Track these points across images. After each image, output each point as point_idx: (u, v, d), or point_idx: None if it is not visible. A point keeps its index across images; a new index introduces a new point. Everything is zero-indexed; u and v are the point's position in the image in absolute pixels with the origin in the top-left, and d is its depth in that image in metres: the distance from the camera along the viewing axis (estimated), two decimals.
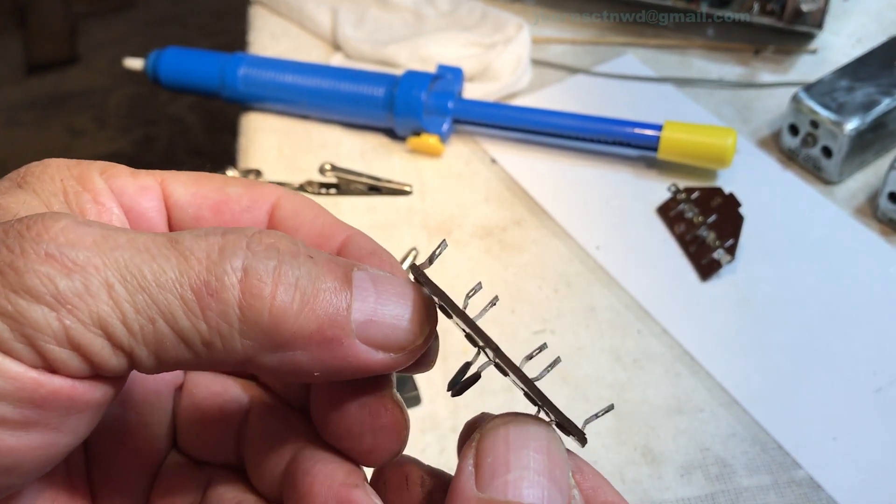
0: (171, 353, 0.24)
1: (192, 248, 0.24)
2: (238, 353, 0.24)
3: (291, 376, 0.25)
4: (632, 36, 0.91)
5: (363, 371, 0.26)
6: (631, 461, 0.56)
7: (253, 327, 0.24)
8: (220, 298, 0.23)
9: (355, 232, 0.30)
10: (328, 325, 0.25)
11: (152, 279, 0.23)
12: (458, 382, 0.28)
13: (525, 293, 0.67)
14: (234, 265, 0.24)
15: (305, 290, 0.24)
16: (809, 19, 0.83)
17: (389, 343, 0.26)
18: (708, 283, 0.67)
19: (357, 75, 0.80)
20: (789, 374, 0.60)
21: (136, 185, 0.29)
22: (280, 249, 0.25)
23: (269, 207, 0.30)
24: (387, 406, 0.28)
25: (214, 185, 0.30)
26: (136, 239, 0.24)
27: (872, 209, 0.71)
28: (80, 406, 0.24)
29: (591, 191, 0.75)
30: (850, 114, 0.70)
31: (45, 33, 2.52)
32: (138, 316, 0.23)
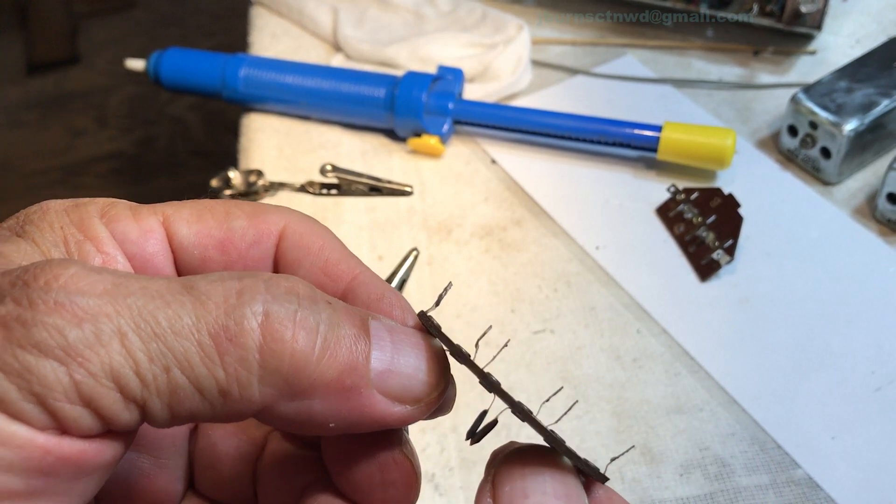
0: (185, 404, 0.23)
1: (209, 293, 0.23)
2: (255, 402, 0.23)
3: (306, 427, 0.24)
4: (631, 37, 0.91)
5: (379, 423, 0.25)
6: (630, 460, 0.56)
7: (273, 373, 0.23)
8: (239, 343, 0.22)
9: (363, 271, 0.29)
10: (348, 372, 0.24)
11: (167, 326, 0.22)
12: (475, 432, 0.28)
13: (525, 293, 0.67)
14: (254, 309, 0.23)
15: (326, 335, 0.24)
16: (808, 20, 0.83)
17: (407, 395, 0.25)
18: (707, 283, 0.67)
19: (357, 76, 0.80)
20: (788, 373, 0.61)
21: (139, 229, 0.28)
22: (299, 294, 0.24)
23: (275, 240, 0.29)
24: (397, 461, 0.27)
25: (218, 221, 0.29)
26: (149, 285, 0.23)
27: (871, 210, 0.71)
28: (91, 468, 0.22)
29: (591, 191, 0.75)
30: (849, 115, 0.71)
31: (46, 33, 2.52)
32: (152, 365, 0.22)
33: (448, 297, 0.67)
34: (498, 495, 0.25)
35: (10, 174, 2.13)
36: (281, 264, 0.29)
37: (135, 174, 2.11)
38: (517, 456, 0.26)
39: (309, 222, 0.30)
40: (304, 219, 0.30)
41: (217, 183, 0.75)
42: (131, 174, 2.11)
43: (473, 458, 0.57)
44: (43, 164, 2.16)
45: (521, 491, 0.24)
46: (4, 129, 2.28)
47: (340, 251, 0.29)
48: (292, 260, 0.29)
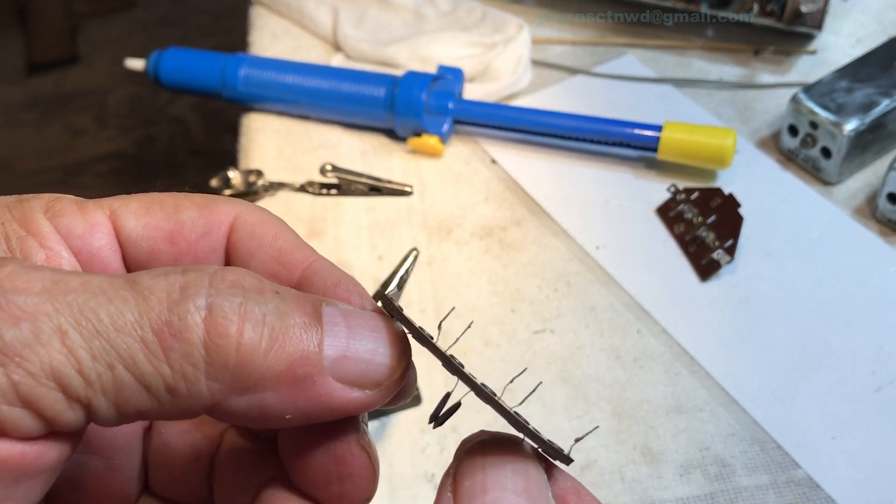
0: (131, 401, 0.22)
1: (152, 288, 0.22)
2: (204, 398, 0.23)
3: (261, 421, 0.24)
4: (631, 36, 0.91)
5: (338, 411, 0.24)
6: (630, 460, 0.56)
7: (220, 368, 0.22)
8: (183, 339, 0.22)
9: (318, 259, 0.28)
10: (299, 362, 0.23)
11: (110, 323, 0.21)
12: (438, 416, 0.27)
13: (525, 293, 0.67)
14: (197, 303, 0.22)
15: (274, 326, 0.23)
16: (809, 20, 0.83)
17: (365, 379, 0.25)
18: (707, 283, 0.67)
19: (357, 76, 0.80)
20: (788, 373, 0.61)
21: (85, 223, 0.27)
22: (245, 286, 0.23)
23: (226, 230, 0.28)
24: (354, 453, 0.26)
25: (166, 213, 0.28)
26: (90, 281, 0.22)
27: (871, 210, 0.71)
28: (32, 472, 0.22)
29: (591, 191, 0.75)
30: (850, 114, 0.71)
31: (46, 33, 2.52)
32: (95, 363, 0.21)
33: (448, 298, 0.67)
34: (458, 490, 0.24)
35: (10, 174, 2.13)
36: (233, 255, 0.29)
37: (134, 174, 2.11)
38: (479, 448, 0.25)
39: (261, 212, 0.29)
40: (256, 209, 0.29)
41: (217, 183, 0.75)
42: (131, 174, 2.11)
43: None
44: (42, 163, 2.16)
45: (481, 486, 0.24)
46: (4, 129, 2.28)
47: (294, 240, 0.29)
48: (244, 250, 0.28)
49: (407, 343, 0.26)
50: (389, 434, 0.59)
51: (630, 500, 0.55)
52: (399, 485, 0.56)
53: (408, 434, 0.59)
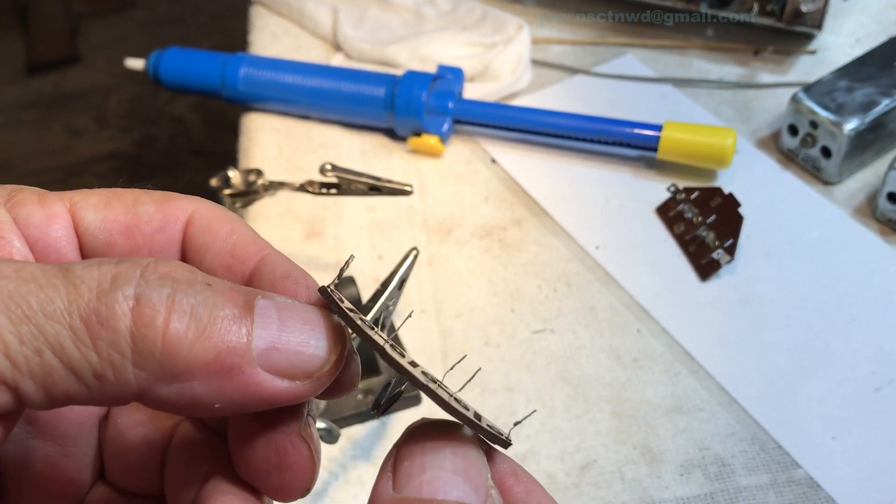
0: (60, 386, 0.22)
1: (83, 277, 0.23)
2: (131, 386, 0.23)
3: (190, 410, 0.24)
4: (631, 36, 0.91)
5: (267, 401, 0.25)
6: (630, 460, 0.56)
7: (146, 357, 0.23)
8: (110, 327, 0.22)
9: (270, 252, 0.29)
10: (226, 353, 0.24)
11: (39, 309, 0.22)
12: (381, 403, 0.28)
13: (525, 293, 0.67)
14: (125, 293, 0.23)
15: (201, 317, 0.23)
16: (809, 20, 0.83)
17: (295, 370, 0.25)
18: (707, 282, 0.67)
19: (357, 75, 0.80)
20: (788, 373, 0.61)
21: (44, 213, 0.28)
22: (175, 278, 0.24)
23: (183, 225, 0.29)
24: (294, 444, 0.27)
25: (125, 206, 0.29)
26: (23, 269, 0.23)
27: (871, 209, 0.71)
28: None
29: (591, 191, 0.75)
30: (850, 114, 0.71)
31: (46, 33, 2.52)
32: (23, 347, 0.22)
33: (448, 298, 0.67)
34: (397, 471, 0.25)
35: (10, 174, 2.13)
36: (189, 249, 0.29)
37: (134, 174, 2.11)
38: (419, 431, 0.26)
39: (217, 209, 0.30)
40: (212, 205, 0.30)
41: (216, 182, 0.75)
42: (131, 174, 2.11)
43: None
44: (42, 163, 2.16)
45: (420, 466, 0.24)
46: (4, 128, 2.28)
47: (248, 234, 0.29)
48: (200, 245, 0.29)
49: (342, 335, 0.26)
50: (389, 434, 0.59)
51: (630, 499, 0.55)
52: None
53: None
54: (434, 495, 0.24)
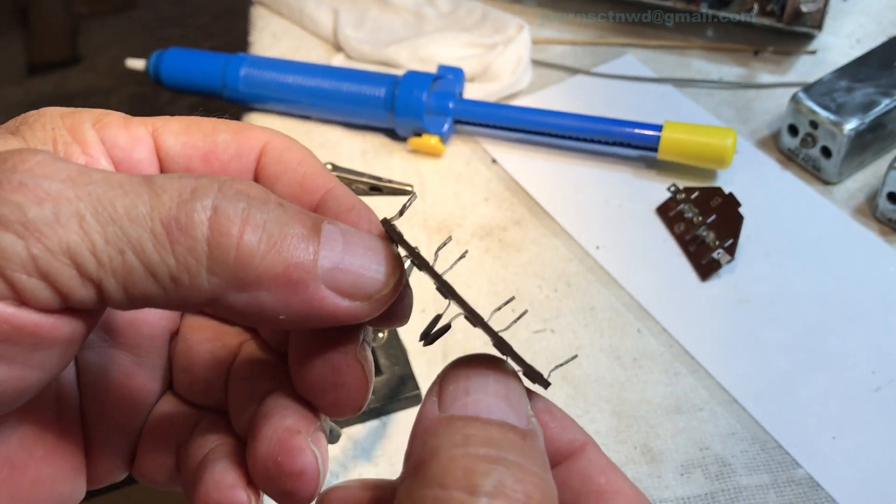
0: (139, 286, 0.24)
1: (165, 187, 0.24)
2: (205, 290, 0.24)
3: (256, 318, 0.26)
4: (631, 37, 0.91)
5: (328, 318, 0.26)
6: (630, 460, 0.56)
7: (220, 264, 0.24)
8: (188, 234, 0.24)
9: (337, 186, 0.30)
10: (294, 267, 0.25)
11: (124, 212, 0.23)
12: (430, 333, 0.29)
13: (525, 293, 0.67)
14: (204, 204, 0.24)
15: (273, 232, 0.25)
16: (809, 20, 0.83)
17: (356, 291, 0.26)
18: (707, 282, 0.67)
19: (358, 76, 0.80)
20: (788, 373, 0.61)
21: (129, 136, 0.29)
22: (250, 195, 0.25)
23: (257, 154, 0.30)
24: (349, 363, 0.28)
25: (204, 133, 0.30)
26: (110, 176, 0.24)
27: (871, 209, 0.71)
28: (48, 342, 0.24)
29: (591, 191, 0.75)
30: (850, 114, 0.71)
31: (47, 34, 2.52)
32: (108, 247, 0.23)
33: None
34: (442, 393, 0.26)
35: None
36: (261, 177, 0.30)
37: None
38: (465, 360, 0.27)
39: (289, 140, 0.31)
40: (284, 137, 0.31)
41: None
42: None
43: None
44: None
45: (464, 389, 0.26)
46: None
47: (317, 167, 0.31)
48: (272, 174, 0.30)
49: (400, 264, 0.28)
50: (389, 434, 0.59)
51: None
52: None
53: (408, 434, 0.59)
54: (478, 414, 0.25)
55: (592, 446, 0.28)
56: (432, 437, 0.25)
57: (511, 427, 0.25)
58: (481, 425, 0.24)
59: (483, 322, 0.27)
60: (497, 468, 0.23)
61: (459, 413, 0.25)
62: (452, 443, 0.24)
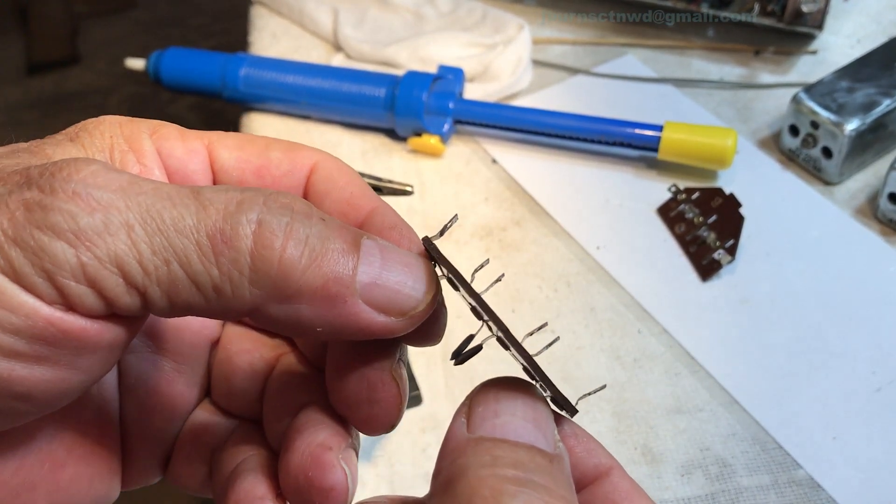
0: (182, 295, 0.25)
1: (212, 200, 0.25)
2: (246, 301, 0.25)
3: (295, 330, 0.26)
4: (632, 36, 0.91)
5: (364, 331, 0.27)
6: (631, 461, 0.56)
7: (262, 276, 0.25)
8: (233, 246, 0.24)
9: (381, 204, 0.31)
10: (333, 281, 0.26)
11: (171, 223, 0.24)
12: (461, 353, 0.29)
13: (525, 293, 0.67)
14: (249, 217, 0.25)
15: (314, 247, 0.25)
16: (809, 20, 0.83)
17: (392, 307, 0.27)
18: (708, 283, 0.67)
19: (358, 76, 0.80)
20: (789, 373, 0.60)
21: (184, 148, 0.30)
22: (294, 209, 0.26)
23: (307, 172, 0.32)
24: (385, 381, 0.29)
25: (257, 150, 0.31)
26: (160, 188, 0.25)
27: (872, 210, 0.71)
28: (92, 346, 0.24)
29: (592, 191, 0.75)
30: (850, 114, 0.71)
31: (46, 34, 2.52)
32: (154, 257, 0.24)
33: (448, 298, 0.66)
34: (472, 414, 0.26)
35: None
36: (311, 194, 0.32)
37: None
38: (494, 382, 0.28)
39: (337, 161, 0.32)
40: (333, 158, 0.33)
41: None
42: None
43: None
44: None
45: (493, 411, 0.26)
46: (4, 129, 2.28)
47: (363, 187, 0.32)
48: (321, 191, 0.31)
49: (436, 282, 0.29)
50: (390, 434, 0.59)
51: None
52: (400, 485, 0.56)
53: (408, 434, 0.58)
54: (507, 436, 0.25)
55: (618, 471, 0.28)
56: (461, 457, 0.25)
57: (539, 451, 0.25)
58: (509, 447, 0.25)
59: (519, 345, 0.27)
60: (524, 490, 0.23)
61: (488, 434, 0.25)
62: (480, 463, 0.24)
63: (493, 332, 0.28)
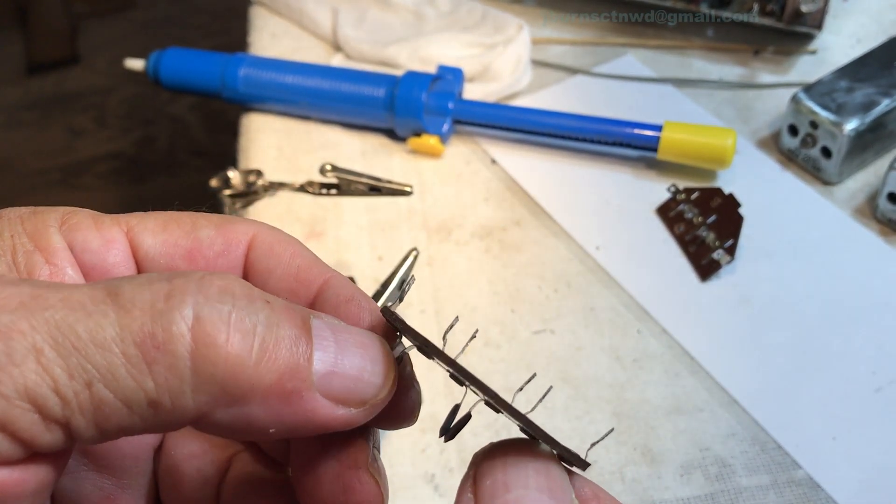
0: (112, 419, 0.21)
1: (134, 299, 0.21)
2: (189, 411, 0.22)
3: (245, 434, 0.23)
4: (632, 37, 0.91)
5: (321, 428, 0.24)
6: (630, 461, 0.56)
7: (207, 380, 0.22)
8: (168, 351, 0.21)
9: (334, 275, 0.28)
10: (288, 376, 0.23)
11: (88, 338, 0.21)
12: (449, 428, 0.27)
13: (525, 293, 0.67)
14: (183, 313, 0.21)
15: (264, 337, 0.22)
16: (809, 20, 0.83)
17: (351, 397, 0.24)
18: (707, 283, 0.67)
19: (357, 76, 0.80)
20: (789, 373, 0.60)
21: (101, 238, 0.26)
22: (234, 293, 0.22)
23: (245, 249, 0.28)
24: (362, 480, 0.26)
25: (184, 230, 0.28)
26: (70, 296, 0.21)
27: (872, 209, 0.71)
28: (13, 498, 0.21)
29: (591, 191, 0.75)
30: (850, 114, 0.71)
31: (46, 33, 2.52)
32: (73, 382, 0.20)
33: (448, 298, 0.67)
34: (479, 490, 0.24)
35: (10, 174, 2.13)
36: (251, 273, 0.28)
37: (135, 174, 2.11)
38: (498, 449, 0.25)
39: (278, 232, 0.29)
40: (272, 229, 0.29)
41: (216, 183, 0.75)
42: (131, 174, 2.11)
43: None
44: (42, 164, 2.15)
45: (503, 484, 0.23)
46: (4, 129, 2.28)
47: (310, 258, 0.29)
48: (263, 269, 0.28)
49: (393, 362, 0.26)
50: (389, 434, 0.59)
51: (630, 500, 0.55)
52: (399, 485, 0.56)
53: (408, 434, 0.58)
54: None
55: None
56: None
57: None
58: None
59: (509, 406, 0.25)
60: None
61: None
62: None
63: (480, 397, 0.26)
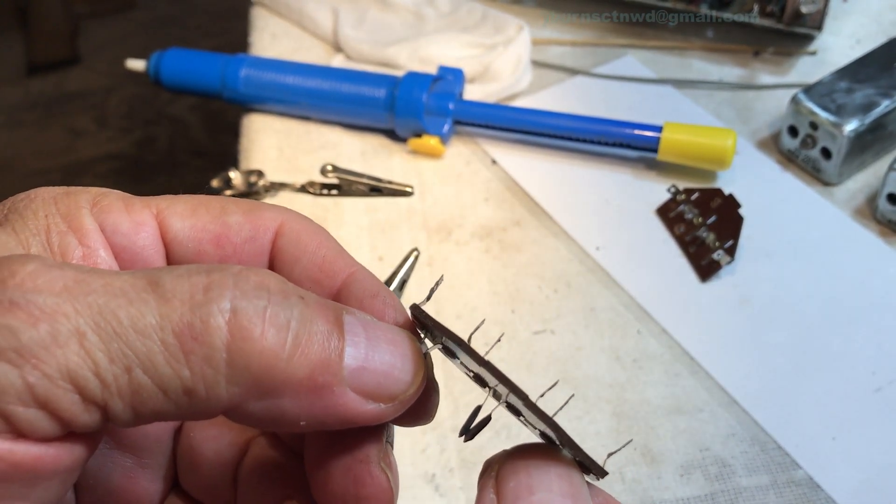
0: (148, 404, 0.22)
1: (174, 290, 0.22)
2: (222, 401, 0.22)
3: (275, 425, 0.24)
4: (632, 37, 0.91)
5: (351, 422, 0.24)
6: (630, 461, 0.56)
7: (241, 372, 0.22)
8: (205, 342, 0.22)
9: (359, 269, 0.28)
10: (320, 370, 0.23)
11: (129, 325, 0.21)
12: (470, 428, 0.27)
13: (525, 293, 0.67)
14: (221, 306, 0.22)
15: (298, 332, 0.23)
16: (809, 21, 0.83)
17: (381, 392, 0.24)
18: (707, 283, 0.67)
19: (358, 76, 0.80)
20: (788, 374, 0.61)
21: (131, 221, 0.27)
22: (270, 289, 0.23)
23: (272, 236, 0.28)
24: (373, 474, 0.26)
25: (213, 215, 0.28)
26: (112, 282, 0.22)
27: (871, 210, 0.71)
28: (48, 474, 0.21)
29: (591, 192, 0.75)
30: (850, 115, 0.71)
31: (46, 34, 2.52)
32: (113, 366, 0.21)
33: (448, 298, 0.67)
34: (502, 491, 0.24)
35: (10, 174, 2.13)
36: (277, 261, 0.29)
37: (135, 175, 2.11)
38: (520, 452, 0.25)
39: (305, 221, 0.29)
40: (300, 217, 0.29)
41: (217, 183, 0.75)
42: (131, 175, 2.11)
43: (473, 458, 0.57)
44: (43, 164, 2.16)
45: (527, 487, 0.24)
46: (4, 129, 2.28)
47: (336, 249, 0.29)
48: (289, 257, 0.28)
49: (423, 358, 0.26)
50: None
51: (630, 500, 0.55)
52: (399, 485, 0.56)
53: (408, 434, 0.59)
54: None
55: None
56: None
57: None
58: None
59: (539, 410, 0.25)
60: None
61: None
62: None
63: (503, 399, 0.26)
